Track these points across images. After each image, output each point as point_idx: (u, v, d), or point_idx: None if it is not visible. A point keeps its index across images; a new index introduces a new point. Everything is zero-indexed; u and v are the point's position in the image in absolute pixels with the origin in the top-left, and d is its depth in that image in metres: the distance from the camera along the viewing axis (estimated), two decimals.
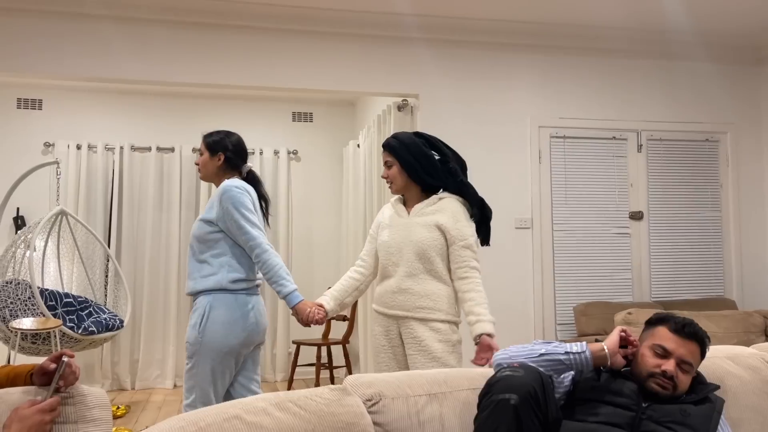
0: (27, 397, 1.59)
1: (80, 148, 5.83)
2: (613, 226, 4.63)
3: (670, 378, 1.78)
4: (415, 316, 2.50)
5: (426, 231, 2.54)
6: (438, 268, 2.53)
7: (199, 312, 2.58)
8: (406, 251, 2.54)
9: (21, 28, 3.90)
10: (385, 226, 2.66)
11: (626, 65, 4.75)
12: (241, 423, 1.51)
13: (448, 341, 2.50)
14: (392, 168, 2.62)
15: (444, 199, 2.61)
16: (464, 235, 2.53)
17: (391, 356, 2.59)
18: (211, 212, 2.64)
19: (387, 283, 2.59)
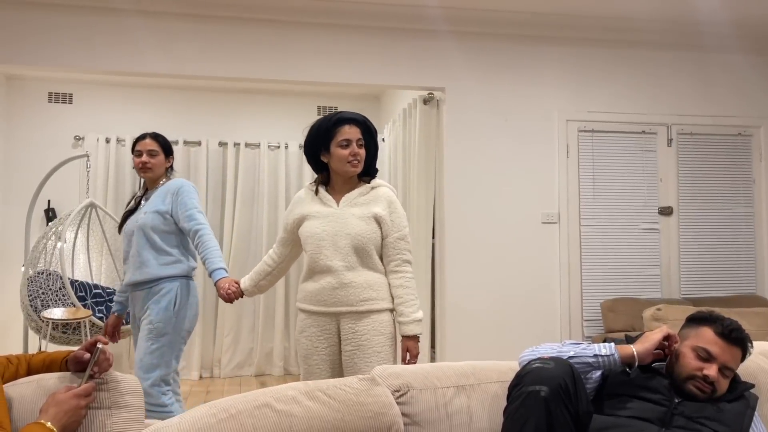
0: (63, 383, 1.62)
1: (109, 141, 5.92)
2: (641, 221, 4.57)
3: (710, 383, 1.74)
4: (359, 309, 2.38)
5: (363, 223, 2.40)
6: (374, 260, 2.43)
7: (170, 296, 2.91)
8: (342, 244, 2.39)
9: (52, 23, 3.96)
10: (311, 216, 2.46)
11: (656, 57, 4.68)
12: (271, 411, 1.52)
13: (389, 333, 2.41)
14: (362, 149, 2.45)
15: (378, 188, 2.48)
16: (399, 227, 2.44)
17: (325, 358, 2.42)
18: (165, 205, 2.95)
19: (323, 280, 2.41)
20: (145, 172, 3.00)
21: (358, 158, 2.44)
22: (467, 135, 4.39)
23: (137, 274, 2.93)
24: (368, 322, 2.38)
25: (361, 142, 2.45)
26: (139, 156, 3.01)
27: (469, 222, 4.33)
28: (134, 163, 3.03)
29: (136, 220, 2.98)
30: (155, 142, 3.02)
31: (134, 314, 3.05)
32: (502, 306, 4.34)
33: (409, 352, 2.38)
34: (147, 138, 3.03)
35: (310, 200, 2.51)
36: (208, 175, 6.05)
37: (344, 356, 2.40)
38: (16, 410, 1.57)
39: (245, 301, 6.01)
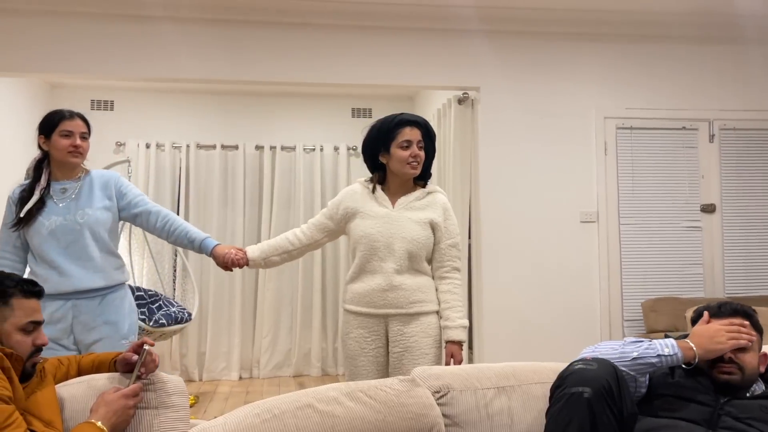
0: (111, 383, 1.67)
1: (149, 146, 6.05)
2: (683, 219, 4.47)
3: (730, 361, 1.73)
4: (409, 311, 2.39)
5: (420, 228, 2.41)
6: (423, 264, 2.45)
7: (127, 302, 2.55)
8: (397, 247, 2.39)
9: (93, 33, 4.07)
10: (365, 214, 2.45)
11: (696, 52, 4.58)
12: (313, 411, 1.54)
13: (436, 335, 2.42)
14: (422, 151, 2.46)
15: (433, 194, 2.50)
16: (451, 234, 2.47)
17: (372, 359, 2.42)
18: (104, 200, 2.54)
19: (372, 282, 2.41)
20: (76, 156, 2.49)
21: (418, 160, 2.44)
22: (503, 134, 4.36)
23: (93, 279, 2.46)
24: (417, 324, 2.39)
25: (422, 144, 2.45)
26: (68, 137, 2.48)
27: (506, 222, 4.30)
28: (59, 144, 2.48)
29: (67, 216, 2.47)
30: (86, 124, 2.58)
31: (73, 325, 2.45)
32: (541, 307, 4.30)
33: (454, 357, 2.38)
34: (77, 118, 2.55)
35: (364, 196, 2.51)
36: (245, 178, 6.14)
37: (392, 358, 2.40)
38: (68, 410, 1.63)
39: (284, 302, 6.07)
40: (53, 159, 2.52)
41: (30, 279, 1.62)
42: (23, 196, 2.48)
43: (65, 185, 2.52)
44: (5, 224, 2.51)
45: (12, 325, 1.54)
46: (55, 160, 2.52)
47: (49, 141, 2.50)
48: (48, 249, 2.43)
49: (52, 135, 2.50)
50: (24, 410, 1.47)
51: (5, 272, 1.60)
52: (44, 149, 2.52)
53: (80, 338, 2.45)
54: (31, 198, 2.46)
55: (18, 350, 1.52)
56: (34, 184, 2.50)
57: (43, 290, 1.64)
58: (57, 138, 2.49)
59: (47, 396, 1.56)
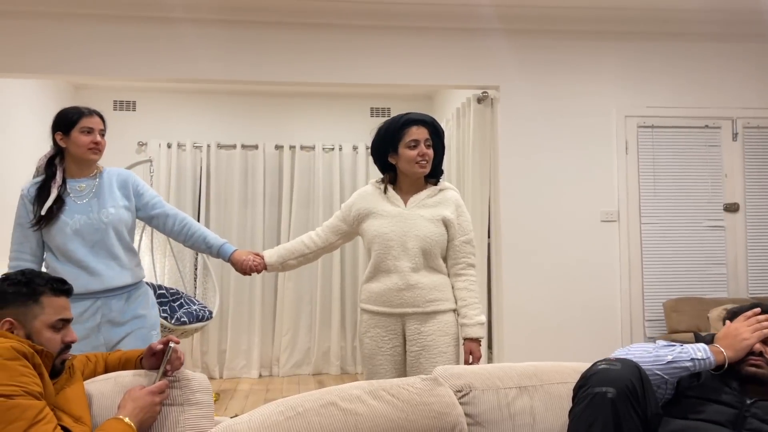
0: (138, 380, 1.70)
1: (170, 146, 6.11)
2: (705, 218, 4.43)
3: (760, 355, 1.72)
4: (426, 310, 2.39)
5: (432, 225, 2.41)
6: (439, 261, 2.44)
7: (150, 296, 2.58)
8: (411, 245, 2.40)
9: (115, 34, 4.12)
10: (378, 214, 2.46)
11: (719, 49, 4.52)
12: (336, 409, 1.56)
13: (453, 333, 2.42)
14: (430, 150, 2.46)
15: (445, 191, 2.50)
16: (465, 230, 2.47)
17: (389, 358, 2.43)
18: (124, 200, 2.53)
19: (388, 280, 2.41)
20: (96, 153, 2.47)
21: (426, 159, 2.45)
22: (522, 133, 4.34)
23: (120, 279, 2.47)
24: (434, 323, 2.38)
25: (429, 142, 2.46)
26: (89, 134, 2.46)
27: (525, 221, 4.29)
28: (79, 140, 2.45)
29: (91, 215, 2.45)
30: (103, 121, 2.54)
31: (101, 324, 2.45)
32: (561, 307, 4.27)
33: (472, 354, 2.39)
34: (95, 115, 2.51)
35: (377, 197, 2.52)
36: (265, 177, 6.18)
37: (409, 357, 2.40)
38: (96, 406, 1.66)
39: (303, 300, 6.11)
40: (70, 156, 2.48)
41: (59, 277, 1.65)
42: (39, 194, 2.43)
43: (82, 183, 2.48)
44: (20, 224, 2.45)
45: (42, 322, 1.57)
46: (74, 156, 2.48)
47: (68, 138, 2.46)
48: (74, 248, 2.40)
49: (72, 131, 2.45)
50: (54, 406, 1.50)
51: (35, 270, 1.63)
52: (61, 146, 2.48)
53: (108, 336, 2.45)
54: (48, 196, 2.41)
55: (48, 347, 1.55)
56: (49, 181, 2.45)
57: (72, 288, 1.67)
58: (77, 135, 2.45)
59: (76, 392, 1.60)
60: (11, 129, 4.94)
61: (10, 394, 1.37)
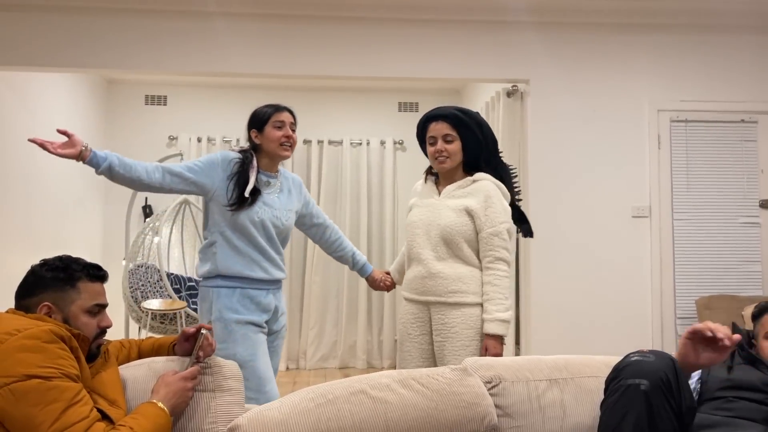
0: (171, 365, 1.72)
1: (200, 140, 6.18)
2: (740, 215, 4.33)
3: None
4: (448, 300, 2.37)
5: (454, 215, 2.39)
6: (465, 253, 2.40)
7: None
8: (433, 234, 2.41)
9: (148, 28, 4.18)
10: (416, 206, 2.54)
11: (755, 41, 4.42)
12: (366, 397, 1.56)
13: (478, 328, 2.37)
14: (453, 143, 2.43)
15: (478, 182, 2.44)
16: (493, 222, 2.38)
17: (416, 345, 2.45)
18: (298, 203, 2.64)
19: (416, 269, 2.45)
20: (287, 149, 2.54)
21: (444, 155, 2.43)
22: (553, 127, 4.30)
23: (284, 272, 2.59)
24: (458, 314, 2.36)
25: (450, 137, 2.43)
26: (280, 128, 2.52)
27: (555, 216, 4.25)
28: (272, 135, 2.51)
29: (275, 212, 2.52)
30: (293, 117, 2.61)
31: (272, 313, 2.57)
32: (590, 303, 4.23)
33: (488, 350, 2.32)
34: (286, 111, 2.58)
35: (421, 189, 2.61)
36: (293, 171, 6.21)
37: (435, 347, 2.41)
38: (130, 390, 1.69)
39: (330, 294, 6.14)
40: (264, 152, 2.54)
41: (95, 264, 1.68)
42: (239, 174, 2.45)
43: (269, 179, 2.54)
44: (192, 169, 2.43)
45: (79, 307, 1.60)
46: (267, 152, 2.53)
47: (262, 134, 2.53)
48: (259, 237, 2.46)
49: (265, 127, 2.52)
50: (90, 389, 1.53)
51: (72, 256, 1.66)
52: (256, 143, 2.54)
53: (272, 325, 2.56)
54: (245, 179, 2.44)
55: (84, 331, 1.58)
56: (248, 167, 2.48)
57: (107, 274, 1.70)
58: (270, 129, 2.51)
59: (111, 376, 1.63)
60: (45, 121, 5.05)
61: (48, 376, 1.40)
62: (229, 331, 2.39)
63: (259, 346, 2.43)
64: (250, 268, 2.43)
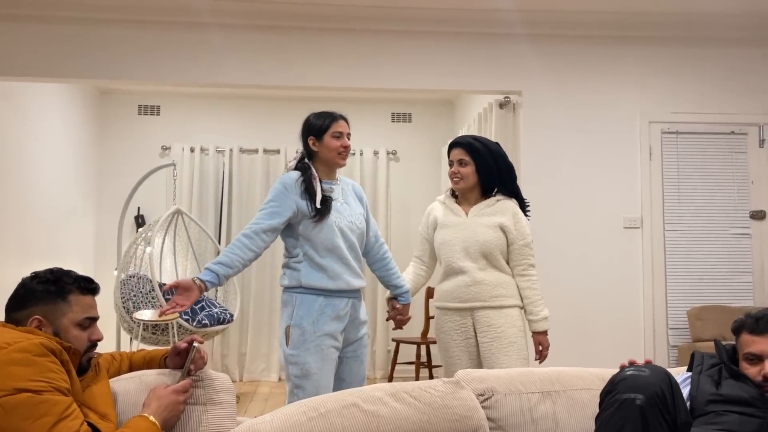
0: (162, 378, 1.71)
1: (194, 150, 6.18)
2: (731, 226, 4.36)
3: None
4: (492, 304, 2.66)
5: (490, 231, 2.68)
6: (501, 263, 2.71)
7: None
8: (472, 250, 2.68)
9: (142, 38, 4.18)
10: (443, 226, 2.77)
11: (745, 54, 4.46)
12: (358, 411, 1.56)
13: (520, 326, 2.69)
14: (467, 167, 2.73)
15: (502, 201, 2.76)
16: (523, 235, 2.73)
17: (463, 349, 2.70)
18: (363, 210, 2.65)
19: (458, 279, 2.70)
20: (344, 158, 2.57)
21: (458, 176, 2.74)
22: (545, 138, 4.32)
23: (363, 280, 2.60)
24: (501, 315, 2.66)
25: (464, 162, 2.72)
26: (339, 138, 2.55)
27: (547, 227, 4.26)
28: (331, 144, 2.53)
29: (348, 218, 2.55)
30: (348, 126, 2.63)
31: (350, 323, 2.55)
32: (582, 313, 4.24)
33: (542, 345, 2.70)
34: (343, 120, 2.60)
35: (442, 209, 2.82)
36: None
37: (482, 348, 2.67)
38: (121, 403, 1.67)
39: None
40: (320, 159, 2.56)
41: (87, 276, 1.67)
42: (307, 187, 2.48)
43: (329, 185, 2.56)
44: (273, 206, 2.47)
45: (70, 320, 1.59)
46: (324, 160, 2.56)
47: (320, 142, 2.55)
48: (340, 245, 2.48)
49: (324, 136, 2.54)
50: (80, 403, 1.52)
51: (63, 269, 1.66)
52: (313, 150, 2.56)
53: (348, 335, 2.53)
54: (314, 192, 2.48)
55: (75, 345, 1.57)
56: (310, 178, 2.51)
57: (98, 287, 1.69)
58: (329, 139, 2.54)
59: (102, 390, 1.61)
60: (38, 131, 5.04)
61: (38, 390, 1.39)
62: (304, 339, 2.43)
63: (328, 360, 2.45)
64: (332, 282, 2.47)
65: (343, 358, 2.55)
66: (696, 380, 1.74)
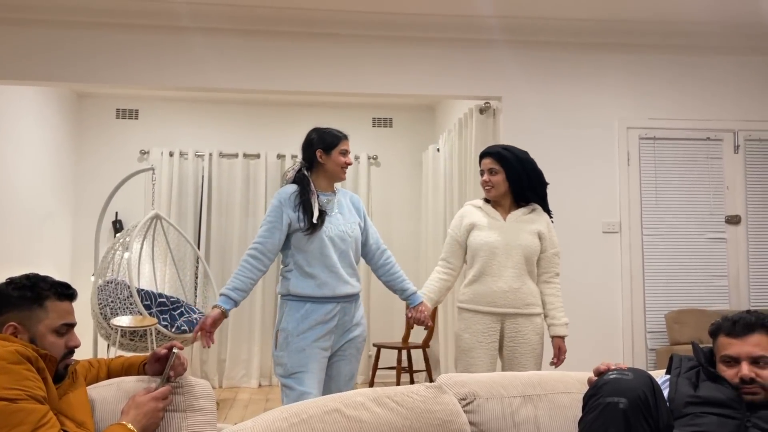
0: (141, 385, 1.69)
1: (173, 155, 6.12)
2: (707, 230, 4.43)
3: (751, 382, 1.68)
4: (524, 312, 2.76)
5: (531, 237, 2.79)
6: (533, 270, 2.82)
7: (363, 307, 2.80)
8: (515, 253, 2.77)
9: (120, 42, 4.14)
10: (482, 228, 2.82)
11: (721, 62, 4.54)
12: (341, 416, 1.55)
13: (542, 333, 2.81)
14: (497, 175, 2.82)
15: (537, 210, 2.88)
16: (555, 244, 2.86)
17: (486, 352, 2.76)
18: (359, 219, 2.77)
19: (493, 283, 2.76)
20: (345, 173, 2.77)
21: (489, 184, 2.83)
22: (525, 144, 4.35)
23: (356, 285, 2.72)
24: (529, 323, 2.77)
25: (495, 170, 2.82)
26: (344, 155, 2.74)
27: None
28: (338, 160, 2.71)
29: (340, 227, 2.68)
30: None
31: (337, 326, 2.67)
32: None
33: (560, 349, 2.81)
34: (348, 139, 2.78)
35: (477, 213, 2.88)
36: (267, 186, 6.18)
37: (506, 351, 2.78)
38: (99, 411, 1.65)
39: None
40: (324, 171, 2.73)
41: (64, 282, 1.64)
42: (302, 201, 2.65)
43: (327, 197, 2.73)
44: (273, 224, 2.64)
45: (46, 327, 1.56)
46: (327, 172, 2.73)
47: (328, 156, 2.72)
48: (329, 254, 2.63)
49: (332, 151, 2.72)
50: (57, 411, 1.49)
51: (40, 275, 1.63)
52: (320, 162, 2.72)
53: (337, 339, 2.68)
54: (309, 205, 2.64)
55: (51, 351, 1.54)
56: (306, 192, 2.67)
57: (76, 293, 1.66)
58: (337, 155, 2.72)
59: (79, 397, 1.59)
60: (13, 136, 4.96)
61: (13, 398, 1.36)
62: (288, 342, 2.60)
63: (312, 360, 2.60)
64: (319, 290, 2.62)
65: (333, 358, 2.70)
66: (674, 383, 1.75)
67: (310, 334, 2.60)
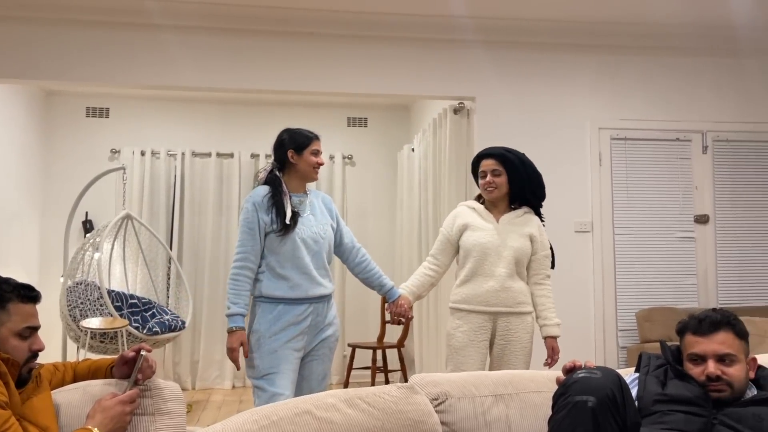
0: (108, 389, 1.66)
1: (144, 154, 6.04)
2: (677, 229, 4.50)
3: (717, 379, 1.71)
4: (515, 311, 2.81)
5: (523, 239, 2.84)
6: (523, 271, 2.87)
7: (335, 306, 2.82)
8: (506, 254, 2.81)
9: (90, 39, 4.07)
10: (475, 228, 2.86)
11: (691, 64, 4.62)
12: (311, 418, 1.54)
13: (532, 332, 2.85)
14: (500, 177, 2.85)
15: (528, 213, 2.92)
16: (545, 246, 2.91)
17: (479, 350, 2.79)
18: (331, 220, 2.78)
19: (485, 283, 2.80)
20: (317, 173, 2.75)
21: (493, 185, 2.85)
22: (498, 144, 4.37)
23: (329, 286, 2.72)
24: (520, 321, 2.81)
25: (498, 172, 2.84)
26: (316, 155, 2.73)
27: None
28: (310, 160, 2.71)
29: (313, 229, 2.68)
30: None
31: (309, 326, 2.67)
32: None
33: (554, 349, 2.85)
34: (319, 139, 2.78)
35: (471, 214, 2.91)
36: (240, 185, 6.13)
37: (496, 349, 2.82)
38: (64, 415, 1.61)
39: None
40: (296, 172, 2.72)
41: (27, 284, 1.61)
42: (275, 203, 2.64)
43: (298, 198, 2.73)
44: (251, 229, 2.63)
45: (8, 330, 1.53)
46: (299, 173, 2.72)
47: (300, 156, 2.71)
48: (302, 256, 2.63)
49: (304, 152, 2.71)
50: (20, 416, 1.46)
51: (2, 276, 1.59)
52: (291, 162, 2.71)
53: (310, 339, 2.68)
54: (281, 207, 2.63)
55: (14, 355, 1.51)
56: (278, 193, 2.66)
57: (39, 295, 1.62)
58: (308, 155, 2.72)
59: (43, 402, 1.55)
60: None
61: None
62: (260, 344, 2.60)
63: (284, 361, 2.60)
64: (292, 291, 2.63)
65: (306, 358, 2.70)
66: (643, 381, 1.78)
67: (282, 336, 2.60)
